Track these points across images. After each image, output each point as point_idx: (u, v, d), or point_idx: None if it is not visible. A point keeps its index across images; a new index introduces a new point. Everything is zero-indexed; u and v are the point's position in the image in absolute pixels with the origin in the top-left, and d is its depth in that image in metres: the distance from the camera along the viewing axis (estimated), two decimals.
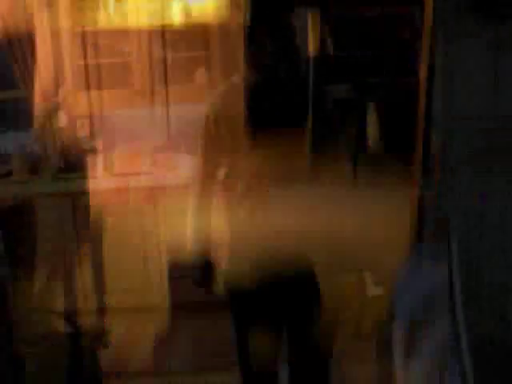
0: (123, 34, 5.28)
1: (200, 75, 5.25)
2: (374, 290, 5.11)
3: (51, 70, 5.39)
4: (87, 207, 5.02)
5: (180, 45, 5.29)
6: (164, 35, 5.32)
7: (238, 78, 2.81)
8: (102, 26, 5.27)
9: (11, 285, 3.48)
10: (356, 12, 5.34)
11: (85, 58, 5.31)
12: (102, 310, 5.07)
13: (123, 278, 5.09)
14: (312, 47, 5.17)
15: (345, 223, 2.73)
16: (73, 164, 5.55)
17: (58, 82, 5.43)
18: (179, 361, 4.43)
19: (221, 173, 2.85)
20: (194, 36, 5.27)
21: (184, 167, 5.34)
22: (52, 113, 5.47)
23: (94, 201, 5.04)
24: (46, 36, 5.32)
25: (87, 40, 5.38)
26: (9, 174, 5.64)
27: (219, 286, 2.99)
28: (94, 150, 5.39)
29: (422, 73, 2.88)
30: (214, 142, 2.79)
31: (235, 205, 2.75)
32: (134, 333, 4.91)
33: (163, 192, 4.98)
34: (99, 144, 5.43)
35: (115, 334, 4.75)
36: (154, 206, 4.98)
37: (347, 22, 5.33)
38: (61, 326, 3.50)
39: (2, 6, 5.26)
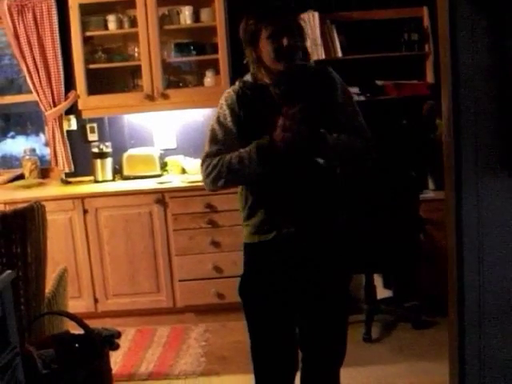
0: (133, 37, 5.29)
1: (210, 79, 5.26)
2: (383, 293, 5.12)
3: (61, 75, 5.41)
4: (97, 210, 5.04)
5: (190, 48, 5.30)
6: (173, 39, 5.34)
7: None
8: (112, 30, 5.29)
9: (22, 287, 3.49)
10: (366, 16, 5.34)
11: (94, 61, 5.33)
12: (111, 312, 5.09)
13: (134, 280, 5.10)
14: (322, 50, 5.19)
15: None
16: (83, 168, 5.57)
17: (67, 86, 5.46)
18: (189, 364, 4.43)
19: None
20: (204, 40, 5.28)
21: (192, 170, 5.35)
22: (62, 117, 5.49)
23: (105, 204, 5.05)
24: (56, 40, 5.34)
25: (97, 44, 5.40)
26: (20, 177, 5.68)
27: None
28: (104, 154, 5.40)
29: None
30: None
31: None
32: (143, 335, 4.92)
33: (173, 194, 4.99)
34: (109, 147, 5.44)
35: (125, 336, 4.76)
36: (163, 208, 4.99)
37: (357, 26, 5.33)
38: (71, 327, 3.50)
39: (13, 13, 5.29)
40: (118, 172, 5.51)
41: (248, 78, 2.85)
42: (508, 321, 2.79)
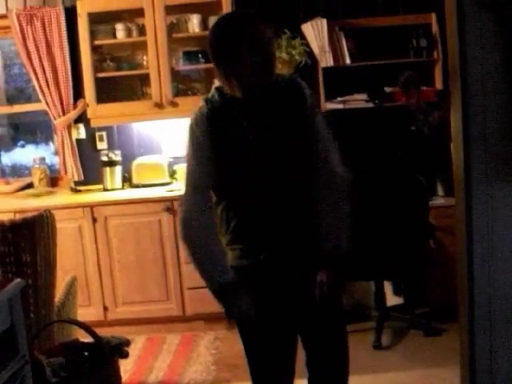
0: (141, 46, 5.31)
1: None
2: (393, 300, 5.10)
3: (70, 83, 5.43)
4: (106, 218, 5.05)
5: (198, 56, 5.31)
6: (182, 47, 5.35)
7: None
8: (121, 39, 5.31)
9: (32, 295, 3.50)
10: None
11: (103, 70, 5.35)
12: (121, 320, 5.09)
13: (143, 288, 5.10)
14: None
15: None
16: (92, 176, 5.58)
17: (76, 95, 5.47)
18: (200, 372, 4.43)
19: None
20: None
21: None
22: (71, 125, 5.51)
23: (114, 212, 5.06)
24: (65, 49, 5.36)
25: (106, 52, 5.42)
26: (29, 186, 5.69)
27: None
28: (113, 162, 5.41)
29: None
30: None
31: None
32: (153, 343, 4.92)
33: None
34: (118, 156, 5.45)
35: (135, 344, 4.76)
36: (173, 216, 4.99)
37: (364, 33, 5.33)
38: (81, 336, 3.50)
39: (21, 22, 5.32)
40: (127, 180, 5.52)
41: (214, 95, 2.66)
42: None
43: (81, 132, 5.63)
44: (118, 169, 5.46)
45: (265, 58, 2.55)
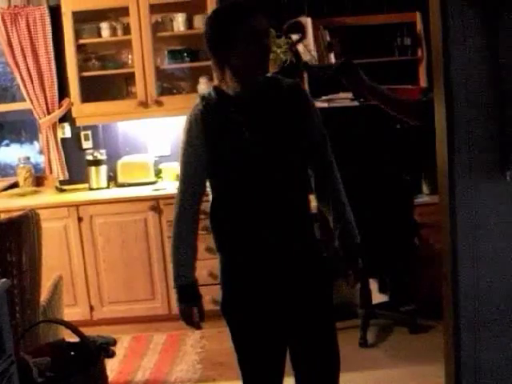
0: (126, 45, 5.30)
1: (203, 85, 5.26)
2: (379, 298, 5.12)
3: (55, 82, 5.41)
4: (92, 217, 5.04)
5: (183, 55, 5.30)
6: (166, 46, 5.34)
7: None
8: (105, 38, 5.30)
9: (17, 295, 3.48)
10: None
11: (88, 69, 5.33)
12: (107, 320, 5.08)
13: (129, 287, 5.09)
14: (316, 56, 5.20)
15: None
16: (77, 175, 5.57)
17: (61, 94, 5.46)
18: (186, 371, 4.43)
19: None
20: (197, 46, 5.29)
21: None
22: (56, 124, 5.49)
23: (99, 211, 5.05)
24: (49, 48, 5.35)
25: (90, 51, 5.40)
26: (14, 185, 5.67)
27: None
28: (98, 161, 5.40)
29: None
30: None
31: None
32: (139, 342, 4.91)
33: (167, 201, 4.98)
34: (103, 155, 5.44)
35: (121, 343, 4.75)
36: (158, 215, 4.99)
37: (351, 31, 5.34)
38: (67, 335, 3.49)
39: (6, 21, 5.30)
40: (112, 179, 5.51)
41: (211, 93, 2.66)
42: (503, 324, 2.79)
43: (66, 131, 5.62)
44: (104, 168, 5.45)
45: (260, 48, 2.54)
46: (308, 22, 5.19)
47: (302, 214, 2.74)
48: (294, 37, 5.09)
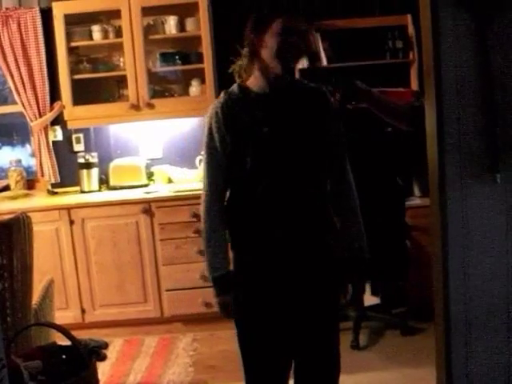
0: (118, 47, 5.30)
1: (195, 88, 5.27)
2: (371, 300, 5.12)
3: (46, 85, 5.40)
4: (84, 220, 5.03)
5: (175, 58, 5.30)
6: (158, 48, 5.34)
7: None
8: (97, 40, 5.29)
9: (8, 298, 3.48)
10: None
11: (80, 72, 5.33)
12: (99, 323, 5.07)
13: (121, 290, 5.09)
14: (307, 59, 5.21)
15: None
16: (69, 178, 5.56)
17: (53, 97, 5.45)
18: (178, 374, 4.42)
19: None
20: (189, 49, 5.29)
21: (178, 180, 5.36)
22: (47, 127, 5.48)
23: (91, 214, 5.04)
24: (41, 51, 5.34)
25: (82, 54, 5.40)
26: (5, 188, 5.66)
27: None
28: (90, 164, 5.39)
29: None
30: None
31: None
32: (131, 345, 4.90)
33: (159, 204, 4.99)
34: (95, 158, 5.44)
35: (113, 346, 4.75)
36: (150, 218, 4.99)
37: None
38: (58, 339, 3.48)
39: None
40: (104, 182, 5.51)
41: (234, 88, 2.75)
42: (494, 326, 2.80)
43: (57, 134, 5.61)
44: (95, 171, 5.44)
45: (287, 44, 2.61)
46: None
47: (318, 215, 2.77)
48: None
